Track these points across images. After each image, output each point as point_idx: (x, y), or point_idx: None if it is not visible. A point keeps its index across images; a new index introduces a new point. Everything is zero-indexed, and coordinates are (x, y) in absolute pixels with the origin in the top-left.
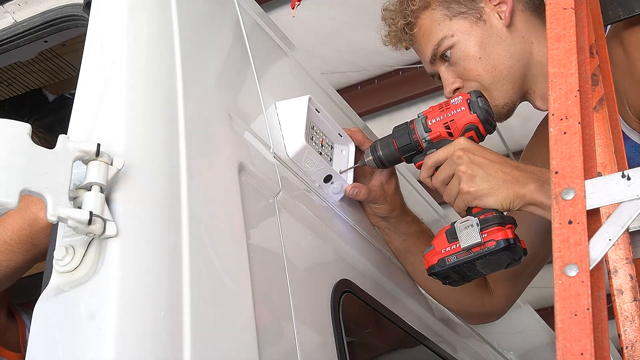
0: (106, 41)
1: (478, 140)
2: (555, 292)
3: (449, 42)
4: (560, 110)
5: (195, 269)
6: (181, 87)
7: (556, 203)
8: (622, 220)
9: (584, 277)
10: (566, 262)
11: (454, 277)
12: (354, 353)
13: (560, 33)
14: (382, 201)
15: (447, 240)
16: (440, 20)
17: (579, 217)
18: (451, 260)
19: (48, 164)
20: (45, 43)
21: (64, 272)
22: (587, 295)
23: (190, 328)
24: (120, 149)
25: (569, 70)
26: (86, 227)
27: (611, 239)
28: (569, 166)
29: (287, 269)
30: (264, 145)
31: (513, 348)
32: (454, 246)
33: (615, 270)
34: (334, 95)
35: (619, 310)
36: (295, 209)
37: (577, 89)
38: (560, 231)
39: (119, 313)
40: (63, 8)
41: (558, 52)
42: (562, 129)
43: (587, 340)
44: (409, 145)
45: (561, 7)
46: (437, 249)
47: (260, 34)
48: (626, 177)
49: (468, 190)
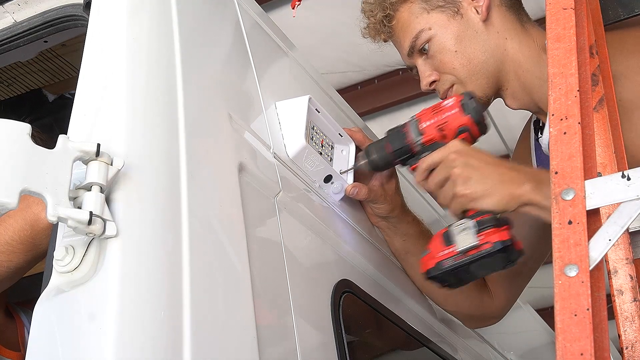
0: (106, 41)
1: (471, 142)
2: (555, 293)
3: (427, 35)
4: (560, 111)
5: (195, 269)
6: (181, 87)
7: (556, 203)
8: (622, 221)
9: (584, 277)
10: (566, 262)
11: (451, 280)
12: (354, 353)
13: (560, 33)
14: (382, 201)
15: (443, 243)
16: (419, 13)
17: (579, 218)
18: (447, 263)
19: (48, 164)
20: (45, 43)
21: (64, 272)
22: (587, 296)
23: (191, 328)
24: (120, 149)
25: (569, 71)
26: (86, 227)
27: (611, 239)
28: (568, 166)
29: (288, 269)
30: (264, 146)
31: (513, 348)
32: (450, 249)
33: (615, 271)
34: (334, 95)
35: (619, 310)
36: (295, 209)
37: (577, 89)
38: (560, 231)
39: (119, 313)
40: (63, 8)
41: (558, 52)
42: (562, 129)
43: (587, 341)
44: (403, 148)
45: (561, 7)
46: (434, 253)
47: (260, 34)
48: (626, 177)
49: (463, 193)
